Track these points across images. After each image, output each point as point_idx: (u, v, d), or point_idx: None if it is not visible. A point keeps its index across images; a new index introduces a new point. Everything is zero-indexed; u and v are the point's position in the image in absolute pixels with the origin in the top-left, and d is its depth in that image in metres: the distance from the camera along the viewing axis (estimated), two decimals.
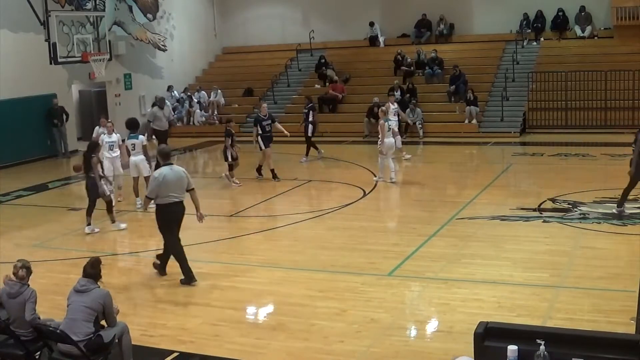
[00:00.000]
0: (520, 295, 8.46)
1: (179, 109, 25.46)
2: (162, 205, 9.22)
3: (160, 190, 9.12)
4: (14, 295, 6.54)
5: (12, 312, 6.54)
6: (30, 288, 6.62)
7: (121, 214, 13.26)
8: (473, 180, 15.87)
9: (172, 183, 9.14)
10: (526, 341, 4.62)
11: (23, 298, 6.51)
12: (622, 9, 22.94)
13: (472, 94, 21.92)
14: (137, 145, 13.63)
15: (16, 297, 6.52)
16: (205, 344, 7.55)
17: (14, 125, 19.69)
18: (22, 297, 6.52)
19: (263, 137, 15.78)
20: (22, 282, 6.58)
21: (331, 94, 24.16)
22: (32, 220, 13.56)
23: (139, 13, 23.83)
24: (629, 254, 9.72)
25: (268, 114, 16.22)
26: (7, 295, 6.57)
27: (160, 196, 9.17)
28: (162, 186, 9.09)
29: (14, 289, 6.56)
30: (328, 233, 11.79)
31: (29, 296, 6.52)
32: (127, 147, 13.77)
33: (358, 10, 26.56)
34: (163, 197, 9.16)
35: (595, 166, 16.03)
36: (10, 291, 6.56)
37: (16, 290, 6.55)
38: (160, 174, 9.15)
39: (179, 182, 9.22)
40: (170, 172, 9.18)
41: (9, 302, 6.55)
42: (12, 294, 6.54)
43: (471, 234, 11.21)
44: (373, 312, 8.13)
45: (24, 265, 6.65)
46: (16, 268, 6.63)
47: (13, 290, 6.55)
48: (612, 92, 21.49)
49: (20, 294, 6.52)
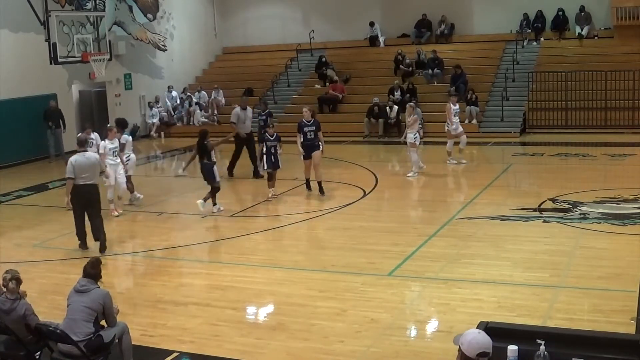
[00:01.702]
0: (520, 295, 8.46)
1: (178, 109, 25.48)
2: (76, 186, 10.72)
3: (74, 173, 10.66)
4: (7, 312, 6.41)
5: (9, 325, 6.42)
6: (22, 302, 6.47)
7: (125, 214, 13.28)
8: (473, 180, 15.87)
9: (83, 168, 10.67)
10: (526, 341, 4.62)
11: (17, 314, 6.38)
12: (622, 9, 22.93)
13: (472, 94, 21.93)
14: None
15: (10, 314, 6.40)
16: (205, 344, 7.54)
17: (14, 125, 19.69)
18: (15, 313, 6.38)
19: (304, 145, 14.10)
20: (14, 297, 6.43)
21: (331, 94, 24.16)
22: (32, 220, 13.56)
23: (139, 13, 23.85)
24: (629, 254, 9.71)
25: (313, 120, 14.26)
26: (1, 311, 6.44)
27: (75, 178, 10.69)
28: (76, 170, 10.63)
29: (6, 305, 6.41)
30: (328, 233, 11.80)
31: (23, 312, 6.38)
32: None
33: (358, 10, 26.56)
34: (77, 179, 10.69)
35: (595, 166, 16.03)
36: (2, 307, 6.42)
37: (8, 307, 6.41)
38: (74, 159, 10.75)
39: (91, 167, 10.78)
40: (81, 159, 10.75)
41: (4, 318, 6.42)
42: (5, 310, 6.41)
43: (471, 234, 11.21)
44: (373, 312, 8.13)
45: (13, 277, 6.45)
46: (5, 280, 6.46)
47: (5, 307, 6.42)
48: (612, 92, 21.48)
49: (13, 310, 6.39)
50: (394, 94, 23.00)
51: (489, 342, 4.11)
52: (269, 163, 14.10)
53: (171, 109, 25.52)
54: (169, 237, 12.17)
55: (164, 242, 11.80)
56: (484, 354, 4.06)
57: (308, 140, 14.09)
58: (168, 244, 11.67)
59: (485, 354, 4.06)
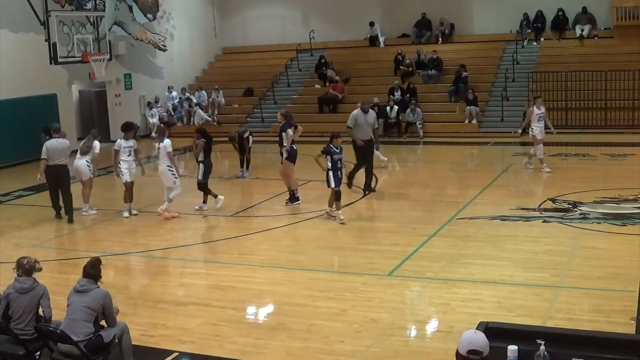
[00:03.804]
0: (520, 295, 8.46)
1: (178, 109, 25.48)
2: (49, 166, 12.63)
3: (48, 155, 12.53)
4: (26, 290, 6.54)
5: (20, 308, 6.51)
6: (41, 284, 6.66)
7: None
8: (473, 180, 15.88)
9: (56, 151, 12.60)
10: (526, 341, 4.63)
11: (36, 293, 6.55)
12: (622, 9, 22.94)
13: (472, 94, 21.93)
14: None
15: (28, 292, 6.53)
16: (205, 344, 7.54)
17: (14, 125, 19.68)
18: (34, 292, 6.55)
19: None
20: (34, 278, 6.63)
21: (331, 94, 24.16)
22: (32, 220, 13.55)
23: (139, 13, 23.85)
24: (629, 254, 9.71)
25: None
26: (18, 290, 6.55)
27: (48, 159, 12.55)
28: (49, 152, 12.54)
29: (27, 284, 6.57)
30: (328, 233, 11.79)
31: (42, 293, 6.58)
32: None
33: (358, 10, 26.57)
34: (50, 160, 12.56)
35: (595, 166, 16.03)
36: (22, 286, 6.56)
37: (29, 285, 6.56)
38: (49, 144, 12.64)
39: (63, 151, 12.73)
40: (55, 143, 12.68)
41: (20, 298, 6.52)
42: (25, 288, 6.54)
43: (471, 234, 11.21)
44: (373, 312, 8.12)
45: (36, 261, 6.72)
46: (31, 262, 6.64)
47: (26, 285, 6.56)
48: (612, 92, 21.50)
49: (33, 289, 6.55)
50: (394, 94, 23.01)
51: (484, 342, 4.07)
52: (336, 180, 12.18)
53: (171, 109, 25.52)
54: (169, 237, 12.17)
55: (164, 242, 11.80)
56: (475, 352, 4.02)
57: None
58: (168, 244, 11.67)
59: (476, 352, 4.02)
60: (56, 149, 12.66)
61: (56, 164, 12.66)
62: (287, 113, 13.88)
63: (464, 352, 4.05)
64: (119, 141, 13.32)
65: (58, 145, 12.72)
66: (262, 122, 23.95)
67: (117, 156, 13.13)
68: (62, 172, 12.78)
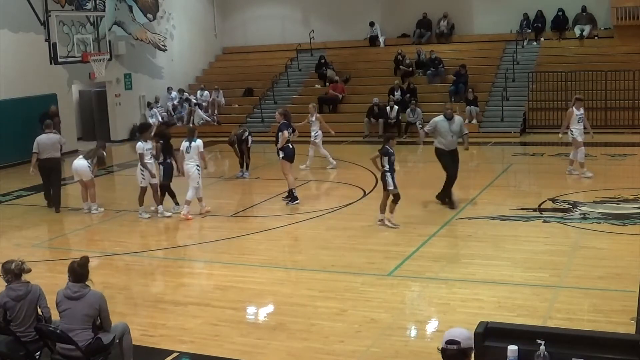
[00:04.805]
0: (520, 295, 8.46)
1: (178, 109, 25.48)
2: (41, 160, 13.52)
3: (39, 149, 13.46)
4: (23, 297, 6.43)
5: (21, 314, 6.44)
6: (35, 285, 6.57)
7: (125, 214, 13.25)
8: (473, 180, 15.86)
9: (46, 145, 13.54)
10: (526, 341, 4.62)
11: (33, 296, 6.47)
12: (622, 9, 22.94)
13: (472, 94, 21.93)
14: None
15: (27, 297, 6.45)
16: (205, 344, 7.54)
17: (14, 125, 19.66)
18: (32, 295, 6.47)
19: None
20: (27, 282, 6.53)
21: (331, 94, 24.16)
22: (32, 220, 13.55)
23: (139, 13, 23.86)
24: (629, 254, 9.70)
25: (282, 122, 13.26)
26: (15, 298, 6.43)
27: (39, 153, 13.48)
28: (40, 146, 13.48)
29: (22, 290, 6.45)
30: (328, 233, 11.78)
31: (38, 295, 6.51)
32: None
33: (358, 10, 26.56)
34: (41, 154, 13.47)
35: (595, 166, 16.01)
36: (18, 294, 6.43)
37: (24, 290, 6.46)
38: (39, 138, 13.60)
39: (52, 145, 13.62)
40: (44, 138, 13.62)
41: (18, 305, 6.43)
42: (22, 295, 6.43)
43: (471, 234, 11.21)
44: (373, 312, 8.12)
45: (23, 262, 6.57)
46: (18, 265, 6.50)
47: (21, 291, 6.44)
48: (612, 92, 21.49)
49: (30, 293, 6.47)
50: (394, 94, 23.00)
51: (462, 333, 4.30)
52: (394, 182, 11.69)
53: (171, 109, 25.51)
54: (169, 237, 12.18)
55: (164, 242, 11.78)
56: (452, 341, 4.24)
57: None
58: (168, 244, 11.66)
59: (453, 342, 4.24)
60: (46, 143, 13.61)
61: (46, 157, 13.57)
62: (286, 112, 13.89)
63: (444, 344, 4.28)
64: (140, 144, 12.83)
65: (47, 140, 13.69)
66: (262, 122, 23.93)
67: (142, 159, 12.73)
68: (52, 164, 13.71)
